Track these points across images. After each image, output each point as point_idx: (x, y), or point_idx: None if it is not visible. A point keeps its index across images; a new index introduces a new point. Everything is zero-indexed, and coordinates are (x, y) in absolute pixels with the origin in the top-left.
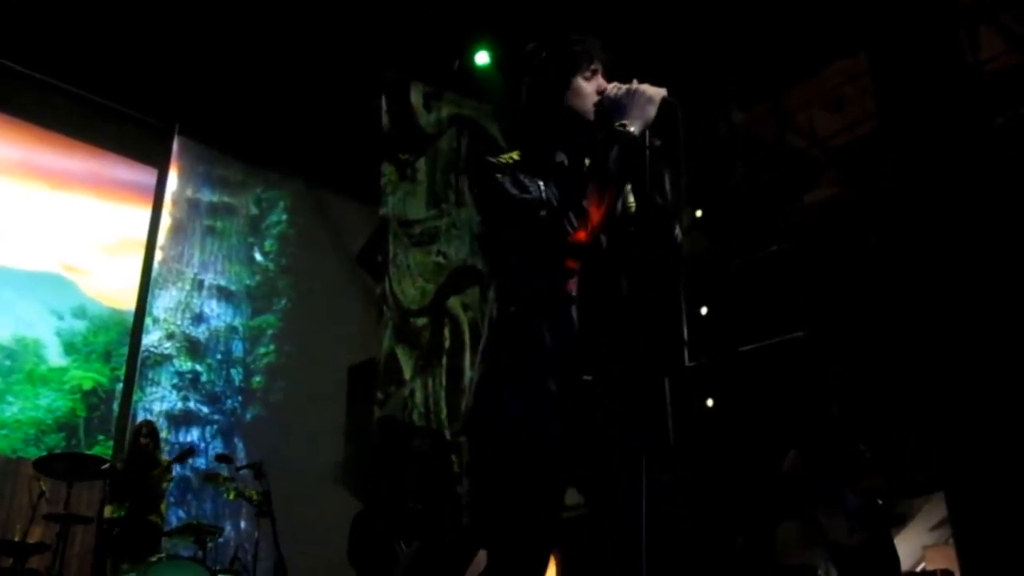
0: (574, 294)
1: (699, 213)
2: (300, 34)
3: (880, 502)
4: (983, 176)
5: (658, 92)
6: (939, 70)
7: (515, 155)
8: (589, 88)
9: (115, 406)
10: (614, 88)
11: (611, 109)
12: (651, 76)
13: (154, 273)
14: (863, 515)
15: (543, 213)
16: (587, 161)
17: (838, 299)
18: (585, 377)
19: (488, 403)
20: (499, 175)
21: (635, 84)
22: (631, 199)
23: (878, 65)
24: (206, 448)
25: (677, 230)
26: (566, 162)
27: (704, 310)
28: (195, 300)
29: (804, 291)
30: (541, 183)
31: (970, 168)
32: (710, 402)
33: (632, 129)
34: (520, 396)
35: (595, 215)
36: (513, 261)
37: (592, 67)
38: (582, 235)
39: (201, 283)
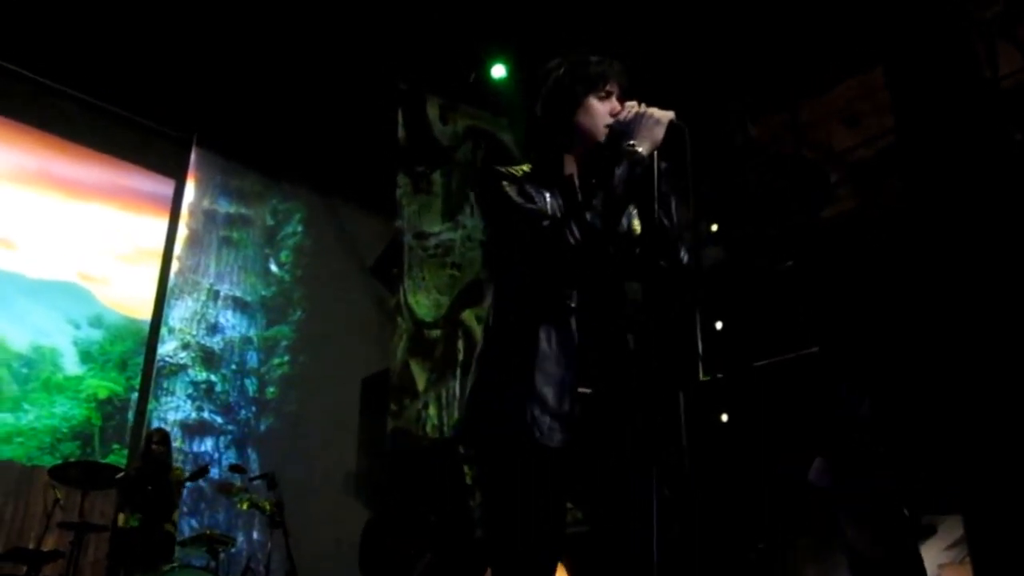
0: (574, 306)
1: (715, 227)
2: (317, 47)
3: (907, 512)
4: (1001, 192)
5: (666, 115)
6: (957, 85)
7: (525, 167)
8: (602, 108)
9: (130, 415)
10: (624, 112)
11: (620, 131)
12: (668, 89)
13: (170, 283)
14: (889, 525)
15: (546, 224)
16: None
17: (854, 314)
18: (582, 389)
19: (484, 413)
20: (505, 184)
21: (643, 107)
22: (636, 222)
23: (895, 80)
24: (219, 458)
25: (683, 253)
26: (575, 176)
27: (719, 324)
28: (210, 310)
29: (819, 306)
30: (547, 195)
31: (988, 184)
32: (725, 417)
33: (640, 150)
34: (517, 407)
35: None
36: (516, 270)
37: (607, 88)
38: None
39: (217, 294)
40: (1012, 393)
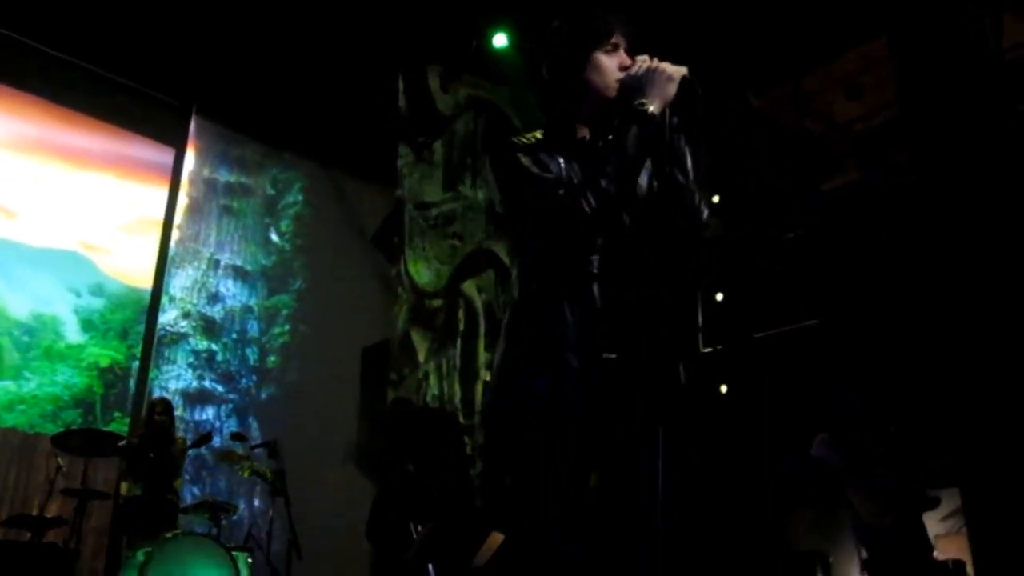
0: (596, 271)
1: (716, 199)
2: (318, 15)
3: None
4: (1005, 165)
5: (678, 70)
6: (962, 57)
7: (538, 134)
8: (610, 63)
9: (131, 383)
10: (635, 66)
11: (631, 87)
12: (668, 60)
13: (171, 252)
14: (894, 497)
15: (561, 192)
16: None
17: (855, 287)
18: (607, 355)
19: (511, 382)
20: (519, 155)
21: (655, 62)
22: (655, 180)
23: (899, 51)
24: (221, 427)
25: (703, 207)
26: (588, 139)
27: (719, 296)
28: (211, 280)
29: (820, 278)
30: (562, 161)
31: (992, 156)
32: (724, 389)
33: (651, 108)
34: (543, 374)
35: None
36: (534, 240)
37: (613, 41)
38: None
39: (217, 263)
40: (1013, 366)
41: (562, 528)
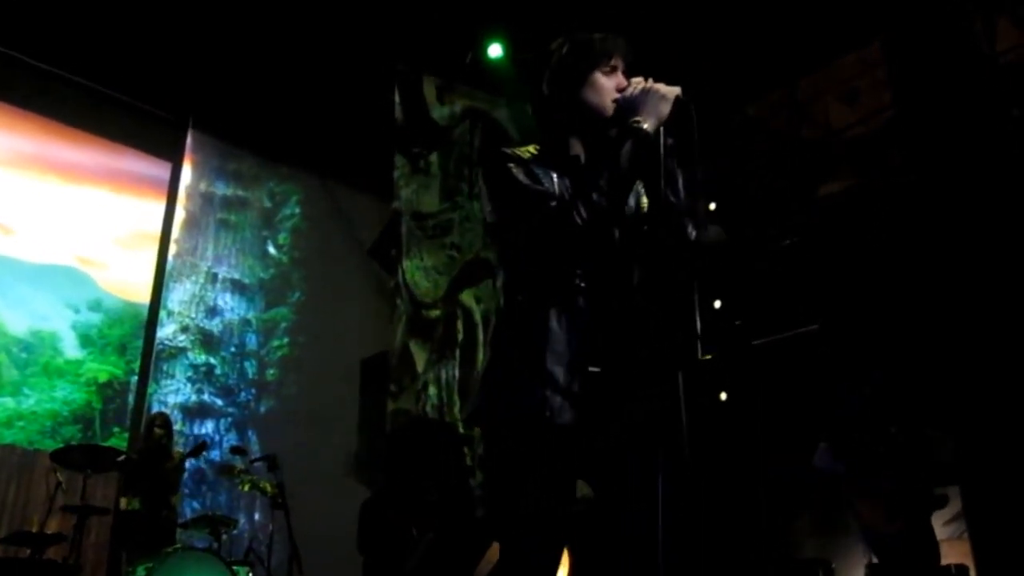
0: (583, 285)
1: (713, 206)
2: (313, 28)
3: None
4: (999, 168)
5: (672, 90)
6: (955, 61)
7: (532, 148)
8: (608, 84)
9: (130, 398)
10: (630, 87)
11: (627, 107)
12: (667, 67)
13: (168, 266)
14: (900, 501)
15: (552, 204)
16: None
17: (853, 292)
18: (592, 368)
19: (496, 393)
20: (512, 166)
21: (649, 83)
22: (644, 198)
23: (893, 56)
24: (220, 440)
25: (690, 228)
26: (581, 156)
27: (718, 304)
28: (209, 293)
29: (818, 284)
30: (555, 175)
31: (986, 160)
32: (724, 396)
33: (645, 126)
34: (528, 386)
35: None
36: (522, 251)
37: (612, 63)
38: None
39: (215, 276)
40: (1013, 369)
41: (533, 537)
